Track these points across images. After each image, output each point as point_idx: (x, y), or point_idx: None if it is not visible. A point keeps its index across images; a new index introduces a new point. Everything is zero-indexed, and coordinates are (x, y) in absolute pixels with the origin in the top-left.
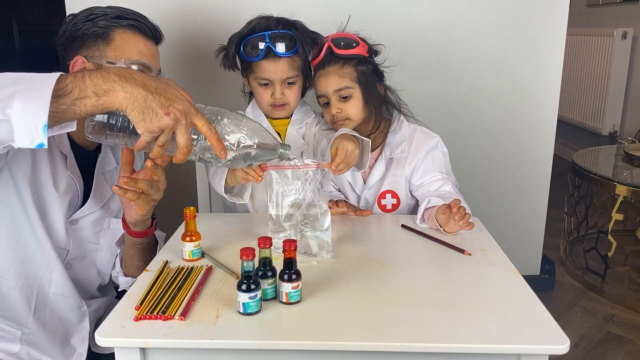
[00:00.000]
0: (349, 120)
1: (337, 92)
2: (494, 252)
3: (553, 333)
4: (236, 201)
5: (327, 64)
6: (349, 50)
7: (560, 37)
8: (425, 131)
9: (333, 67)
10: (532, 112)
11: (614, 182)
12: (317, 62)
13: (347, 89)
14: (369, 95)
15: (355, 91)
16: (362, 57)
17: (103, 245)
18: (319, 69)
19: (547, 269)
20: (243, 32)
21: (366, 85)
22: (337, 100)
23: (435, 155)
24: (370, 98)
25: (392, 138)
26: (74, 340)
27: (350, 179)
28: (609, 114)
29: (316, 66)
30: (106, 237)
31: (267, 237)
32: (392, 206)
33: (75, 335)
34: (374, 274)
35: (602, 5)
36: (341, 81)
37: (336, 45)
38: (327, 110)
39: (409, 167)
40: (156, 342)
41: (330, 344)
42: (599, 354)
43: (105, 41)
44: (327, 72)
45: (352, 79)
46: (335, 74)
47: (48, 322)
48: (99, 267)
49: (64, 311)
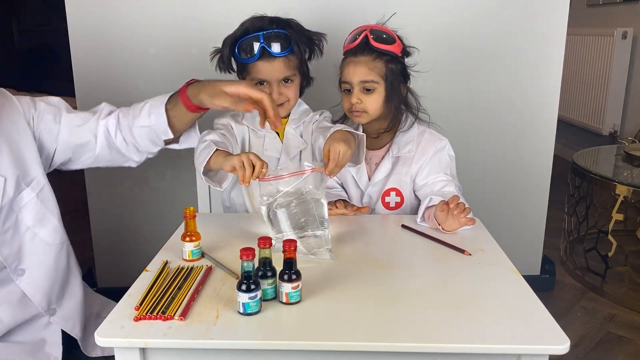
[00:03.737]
0: (366, 114)
1: (363, 83)
2: (494, 252)
3: (553, 333)
4: (212, 185)
5: (360, 53)
6: (385, 45)
7: (560, 37)
8: (434, 133)
9: (365, 58)
10: (532, 112)
11: (614, 182)
12: (350, 47)
13: (372, 83)
14: (392, 93)
15: (379, 87)
16: (394, 55)
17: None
18: (351, 55)
19: (547, 269)
20: (237, 34)
21: (392, 84)
22: (360, 91)
23: (441, 157)
24: (392, 97)
25: (400, 137)
26: (47, 347)
27: (355, 175)
28: (609, 114)
29: (348, 51)
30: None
31: (267, 237)
32: (396, 204)
33: (47, 343)
34: (374, 274)
35: (602, 5)
36: (369, 74)
37: (374, 36)
38: (347, 97)
39: (415, 167)
40: (156, 342)
41: (330, 344)
42: (599, 354)
43: None
44: (357, 61)
45: (380, 74)
46: (366, 65)
47: (13, 345)
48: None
49: (29, 330)
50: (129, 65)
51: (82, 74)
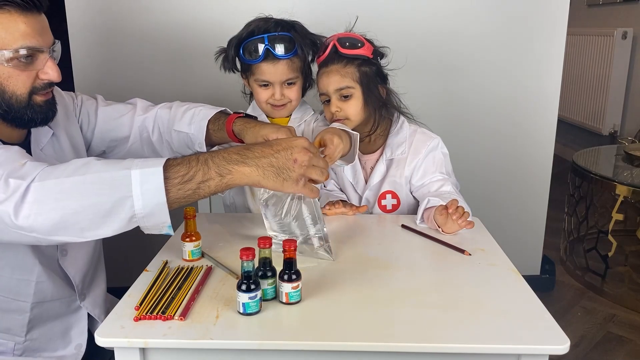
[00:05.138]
0: (348, 120)
1: (338, 91)
2: (494, 252)
3: (553, 333)
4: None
5: (331, 62)
6: (353, 50)
7: (560, 37)
8: (426, 132)
9: (336, 66)
10: (532, 112)
11: (614, 182)
12: (321, 59)
13: (347, 89)
14: (370, 96)
15: (355, 91)
16: (366, 58)
17: None
18: (322, 67)
19: (547, 269)
20: (242, 35)
21: (367, 87)
22: (337, 99)
23: (435, 155)
24: (370, 99)
25: (392, 139)
26: (73, 332)
27: (352, 179)
28: (609, 114)
29: (320, 64)
30: None
31: (267, 237)
32: (392, 207)
33: (74, 327)
34: (374, 274)
35: (602, 5)
36: (342, 80)
37: (341, 44)
38: (327, 108)
39: (409, 168)
40: (156, 342)
41: (330, 344)
42: (599, 354)
43: None
44: (329, 71)
45: (353, 79)
46: (337, 72)
47: (43, 326)
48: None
49: (59, 313)
50: (129, 65)
51: (82, 75)
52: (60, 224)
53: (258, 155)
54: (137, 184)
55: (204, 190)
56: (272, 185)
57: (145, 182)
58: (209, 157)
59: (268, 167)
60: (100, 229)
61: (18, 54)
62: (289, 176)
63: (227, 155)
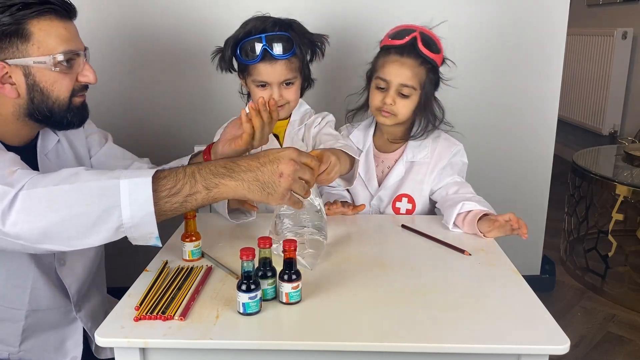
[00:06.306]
0: (394, 117)
1: (402, 87)
2: (494, 252)
3: (553, 333)
4: (245, 220)
5: (407, 54)
6: (431, 52)
7: (561, 37)
8: (450, 138)
9: (411, 61)
10: (532, 112)
11: (614, 182)
12: (395, 44)
13: (411, 89)
14: (424, 103)
15: (415, 94)
16: (435, 65)
17: None
18: (396, 54)
19: (547, 269)
20: (239, 35)
21: (426, 94)
22: (395, 92)
23: (456, 161)
24: (423, 106)
25: (415, 141)
26: (68, 344)
27: (363, 176)
28: (609, 114)
29: (392, 47)
30: None
31: (267, 237)
32: (407, 211)
33: (69, 339)
34: (374, 274)
35: (602, 5)
36: (412, 78)
37: (423, 41)
38: (379, 94)
39: (433, 175)
40: (156, 343)
41: (330, 344)
42: (599, 354)
43: (23, 38)
44: (404, 62)
45: (420, 81)
46: (411, 69)
47: (38, 337)
48: None
49: (54, 323)
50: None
51: None
52: (47, 233)
53: (244, 169)
54: (126, 194)
55: (190, 203)
56: (258, 199)
57: (134, 192)
58: (197, 170)
59: (253, 182)
60: (87, 238)
61: (62, 58)
62: (275, 190)
63: (214, 168)
